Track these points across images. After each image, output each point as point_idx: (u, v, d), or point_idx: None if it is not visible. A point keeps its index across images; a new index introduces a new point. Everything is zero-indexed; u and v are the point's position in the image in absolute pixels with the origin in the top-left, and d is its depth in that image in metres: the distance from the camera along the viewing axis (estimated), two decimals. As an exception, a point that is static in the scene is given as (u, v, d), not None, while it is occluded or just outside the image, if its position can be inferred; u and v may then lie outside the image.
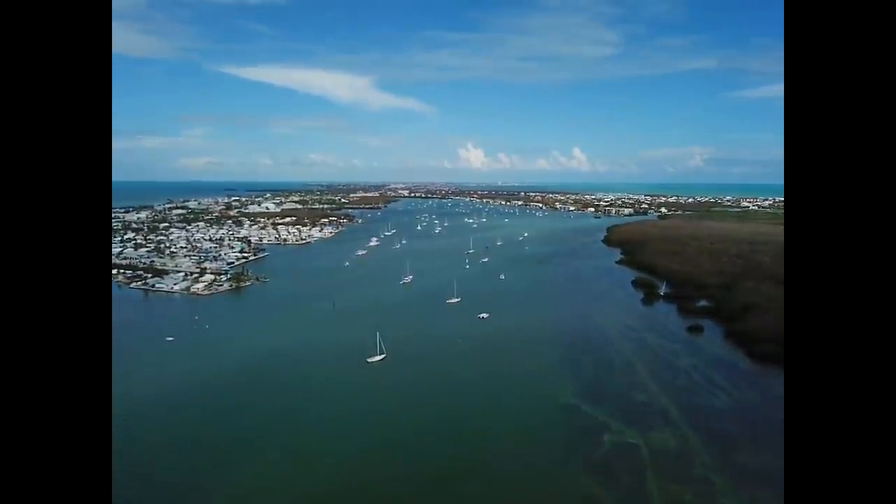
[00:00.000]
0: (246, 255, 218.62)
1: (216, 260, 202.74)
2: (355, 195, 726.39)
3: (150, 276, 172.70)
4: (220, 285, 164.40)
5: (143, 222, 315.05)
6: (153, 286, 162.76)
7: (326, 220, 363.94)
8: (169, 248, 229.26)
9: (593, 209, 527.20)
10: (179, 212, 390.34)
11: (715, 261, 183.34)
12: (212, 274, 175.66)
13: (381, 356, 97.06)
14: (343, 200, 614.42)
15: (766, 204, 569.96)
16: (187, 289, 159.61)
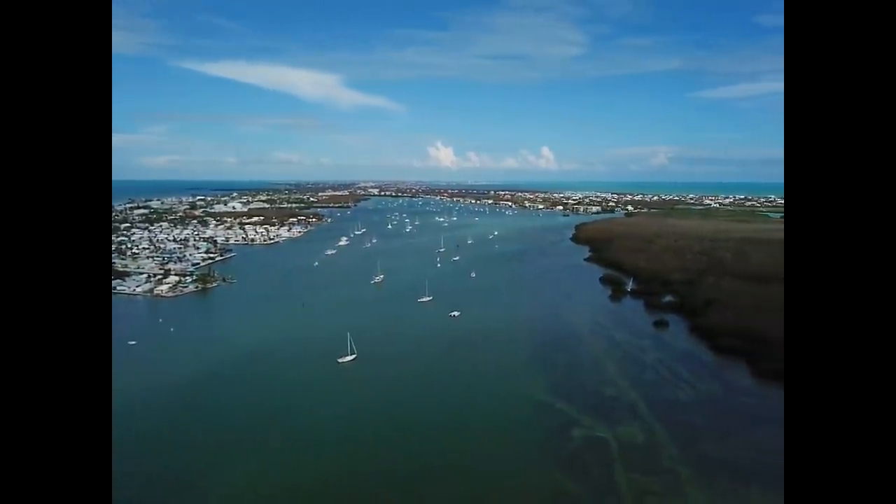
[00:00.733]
0: (212, 255, 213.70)
1: (181, 261, 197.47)
2: (324, 194, 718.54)
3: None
4: (186, 287, 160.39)
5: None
6: (114, 288, 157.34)
7: (295, 219, 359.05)
8: (131, 248, 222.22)
9: (562, 207, 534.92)
10: (141, 212, 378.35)
11: (679, 257, 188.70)
12: (176, 275, 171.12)
13: (353, 356, 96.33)
14: (312, 199, 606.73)
15: (727, 202, 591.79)
16: (150, 291, 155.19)
